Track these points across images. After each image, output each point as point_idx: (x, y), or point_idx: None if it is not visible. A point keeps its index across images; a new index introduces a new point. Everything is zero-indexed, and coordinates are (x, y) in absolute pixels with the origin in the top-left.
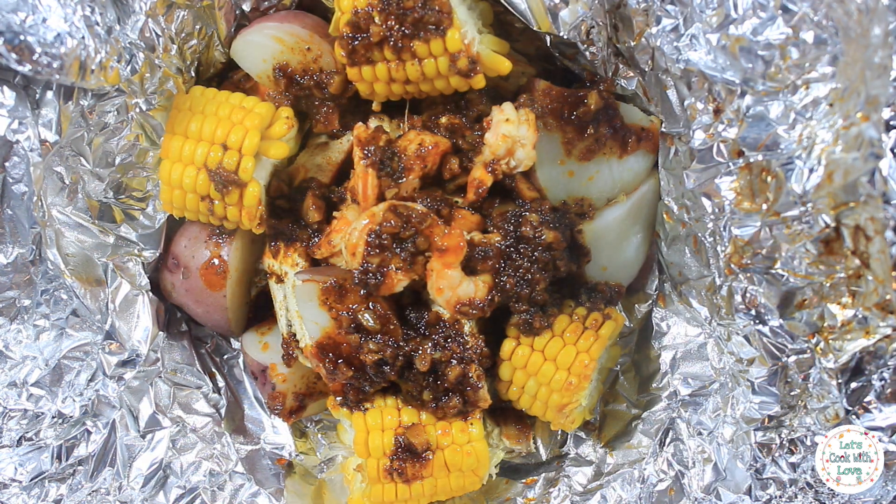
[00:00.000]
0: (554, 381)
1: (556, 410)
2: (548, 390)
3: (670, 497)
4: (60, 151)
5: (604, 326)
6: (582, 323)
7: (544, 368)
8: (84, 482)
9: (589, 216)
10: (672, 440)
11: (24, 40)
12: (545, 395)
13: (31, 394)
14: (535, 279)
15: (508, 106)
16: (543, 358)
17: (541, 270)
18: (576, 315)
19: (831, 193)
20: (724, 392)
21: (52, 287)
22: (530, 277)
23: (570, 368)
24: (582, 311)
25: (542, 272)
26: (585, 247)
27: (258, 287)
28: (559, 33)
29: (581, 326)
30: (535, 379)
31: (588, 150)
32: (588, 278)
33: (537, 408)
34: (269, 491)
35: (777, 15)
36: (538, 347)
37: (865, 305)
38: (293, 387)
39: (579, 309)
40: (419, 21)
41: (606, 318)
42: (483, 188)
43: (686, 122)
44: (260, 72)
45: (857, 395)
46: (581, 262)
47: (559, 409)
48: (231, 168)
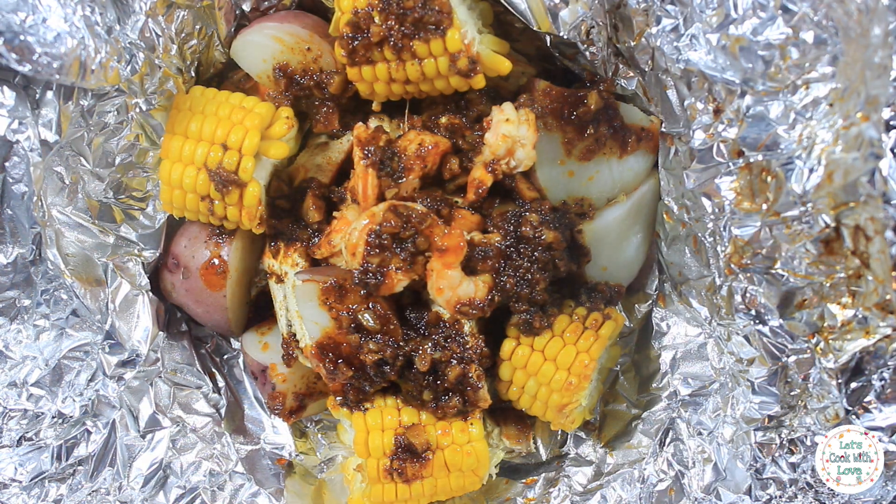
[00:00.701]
0: (554, 381)
1: (557, 410)
2: (548, 390)
3: (670, 497)
4: (60, 151)
5: (604, 326)
6: (582, 323)
7: (544, 368)
8: (84, 482)
9: (589, 216)
10: (672, 440)
11: (24, 40)
12: (545, 395)
13: (32, 394)
14: (535, 279)
15: (508, 106)
16: (543, 358)
17: (541, 270)
18: (576, 315)
19: (831, 193)
20: (724, 392)
21: (52, 287)
22: (530, 277)
23: (570, 368)
24: (582, 311)
25: (542, 272)
26: (585, 247)
27: (258, 287)
28: (559, 33)
29: (581, 326)
30: (535, 379)
31: (588, 150)
32: (588, 278)
33: (537, 408)
34: (269, 491)
35: (777, 15)
36: (538, 347)
37: (865, 305)
38: (293, 387)
39: (579, 309)
40: (419, 21)
41: (606, 318)
42: (483, 188)
43: (686, 122)
44: (260, 72)
45: (857, 395)
46: (581, 262)
47: (559, 409)
48: (231, 168)
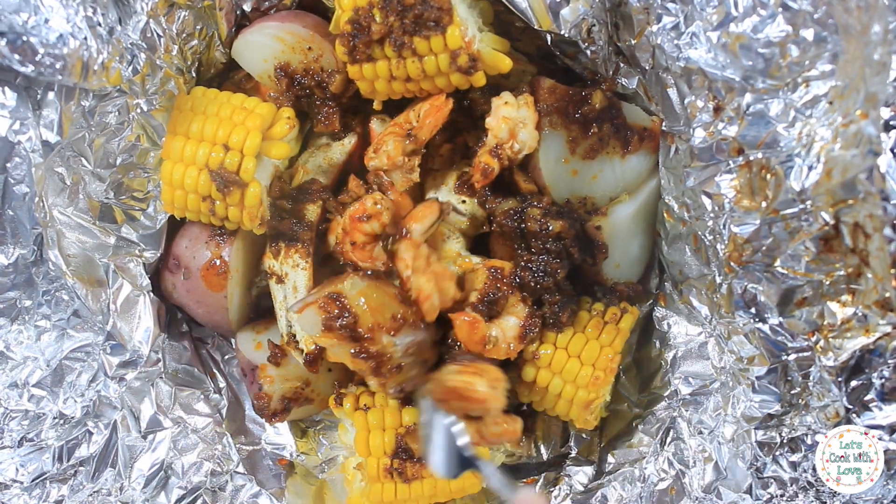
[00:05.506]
0: (580, 378)
1: (583, 407)
2: (573, 387)
3: (671, 496)
4: (61, 152)
5: (623, 320)
6: (601, 318)
7: (569, 365)
8: (85, 483)
9: (602, 211)
10: (673, 439)
11: (26, 41)
12: (571, 392)
13: (33, 394)
14: (552, 268)
15: (506, 93)
16: (567, 355)
17: (556, 260)
18: (594, 310)
19: (829, 191)
20: (725, 391)
21: (53, 288)
22: (548, 269)
23: (595, 363)
24: (600, 307)
25: (557, 261)
26: (604, 243)
27: (259, 288)
28: (560, 31)
29: (601, 321)
30: (561, 377)
31: (591, 149)
32: (605, 276)
33: (561, 406)
34: (271, 491)
35: (777, 12)
36: (561, 345)
37: (865, 303)
38: (280, 389)
39: (597, 304)
40: (419, 18)
41: (624, 311)
42: (490, 170)
43: (686, 121)
44: (261, 72)
45: (858, 393)
46: (598, 259)
47: (586, 405)
48: (232, 168)
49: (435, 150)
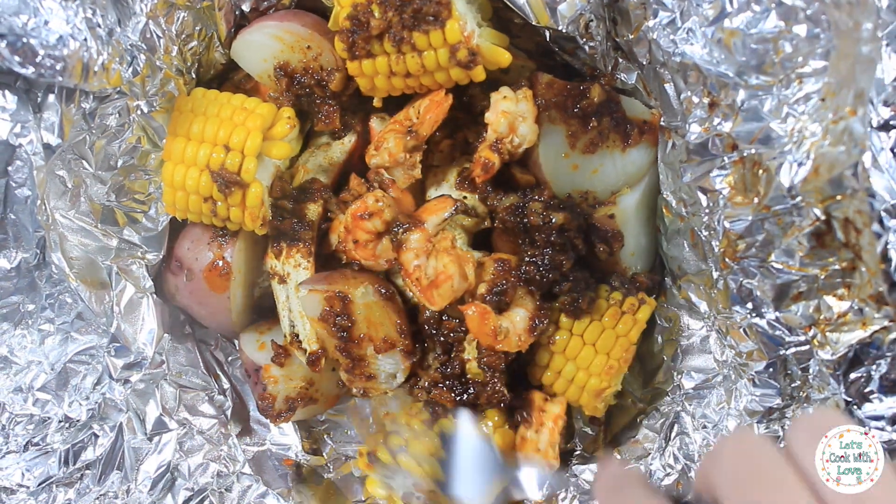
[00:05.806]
0: (594, 366)
1: (594, 395)
2: (586, 374)
3: (678, 490)
4: (62, 155)
5: (640, 310)
6: (619, 307)
7: (584, 353)
8: (92, 486)
9: (611, 201)
10: (677, 434)
11: (26, 43)
12: (583, 379)
13: (37, 398)
14: (557, 262)
15: (505, 87)
16: (583, 342)
17: (560, 253)
18: (612, 299)
19: (818, 188)
20: (728, 385)
21: (56, 291)
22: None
23: (610, 353)
24: (618, 296)
25: (562, 254)
26: (619, 231)
27: (261, 288)
28: (558, 27)
29: (619, 310)
30: (574, 363)
31: (591, 143)
32: (623, 265)
33: (572, 392)
34: (278, 491)
35: (771, 8)
36: (577, 332)
37: (860, 297)
38: (284, 390)
39: (615, 294)
40: (418, 12)
41: (642, 302)
42: (490, 164)
43: (683, 116)
44: (261, 71)
45: (856, 385)
46: (615, 248)
47: (597, 393)
48: (234, 169)
49: (435, 147)
